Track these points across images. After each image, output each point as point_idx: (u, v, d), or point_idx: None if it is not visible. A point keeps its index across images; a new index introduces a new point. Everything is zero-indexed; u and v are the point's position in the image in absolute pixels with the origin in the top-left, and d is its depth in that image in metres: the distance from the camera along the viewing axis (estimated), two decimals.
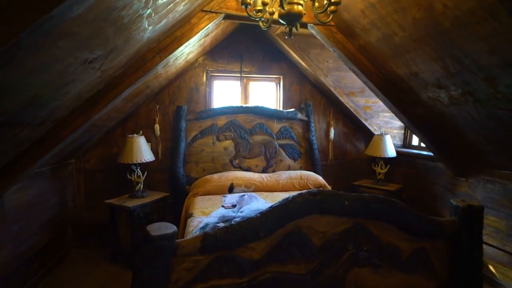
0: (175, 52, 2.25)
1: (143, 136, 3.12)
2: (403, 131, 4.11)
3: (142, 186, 3.11)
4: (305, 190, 1.39)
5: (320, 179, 3.45)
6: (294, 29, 1.76)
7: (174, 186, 3.40)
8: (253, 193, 3.09)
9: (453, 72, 1.94)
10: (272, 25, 3.29)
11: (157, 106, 3.49)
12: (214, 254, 1.29)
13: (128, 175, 3.04)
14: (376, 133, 3.92)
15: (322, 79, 3.62)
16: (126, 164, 3.00)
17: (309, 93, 4.04)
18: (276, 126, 3.77)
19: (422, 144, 3.85)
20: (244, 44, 3.73)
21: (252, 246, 1.34)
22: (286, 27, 1.76)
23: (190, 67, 3.59)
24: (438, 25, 1.71)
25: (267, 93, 4.12)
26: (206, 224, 2.12)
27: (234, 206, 2.66)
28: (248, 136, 3.66)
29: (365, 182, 3.92)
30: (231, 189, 3.14)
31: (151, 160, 3.12)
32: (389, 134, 3.83)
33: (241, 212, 2.45)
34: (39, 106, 1.47)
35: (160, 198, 3.12)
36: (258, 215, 1.32)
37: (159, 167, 3.50)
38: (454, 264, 1.54)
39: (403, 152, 3.88)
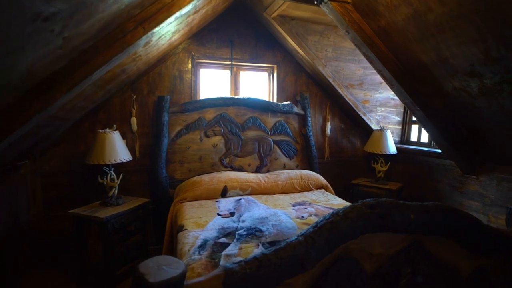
0: (162, 25, 1.79)
1: (117, 131, 2.59)
2: (400, 127, 3.93)
3: (116, 191, 2.59)
4: (359, 202, 1.03)
5: (321, 179, 3.15)
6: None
7: (155, 190, 2.91)
8: (250, 197, 2.70)
9: (495, 56, 1.68)
10: (270, 5, 2.88)
11: (134, 96, 2.96)
12: None
13: (100, 179, 2.52)
14: (374, 128, 3.69)
15: (320, 69, 3.31)
16: (97, 165, 2.47)
17: (305, 84, 3.71)
18: (270, 120, 3.40)
19: (422, 140, 3.68)
20: (235, 28, 3.30)
21: (290, 282, 0.96)
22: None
23: (173, 52, 3.09)
24: None
25: (258, 84, 3.73)
26: (205, 241, 1.69)
27: (232, 213, 2.25)
28: (240, 132, 3.25)
29: (364, 180, 3.69)
30: (224, 193, 2.72)
31: (128, 160, 2.61)
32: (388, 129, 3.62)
33: (243, 221, 2.06)
34: None
35: (140, 205, 2.62)
36: (300, 238, 0.94)
37: (137, 168, 2.98)
38: None
39: (402, 149, 3.68)
